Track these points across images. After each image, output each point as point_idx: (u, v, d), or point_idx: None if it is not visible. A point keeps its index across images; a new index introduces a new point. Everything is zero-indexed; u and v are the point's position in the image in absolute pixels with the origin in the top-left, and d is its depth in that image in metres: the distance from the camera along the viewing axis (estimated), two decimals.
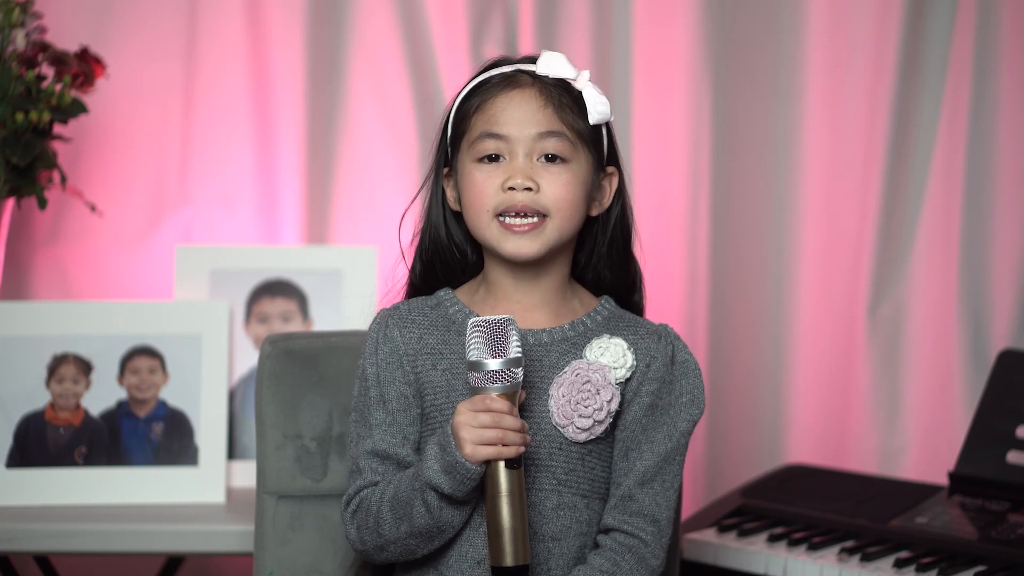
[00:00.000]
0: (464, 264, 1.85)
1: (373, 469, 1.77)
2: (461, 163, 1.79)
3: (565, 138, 1.76)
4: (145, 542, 2.18)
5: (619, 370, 1.75)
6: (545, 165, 1.75)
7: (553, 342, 1.77)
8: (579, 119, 1.77)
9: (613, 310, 1.82)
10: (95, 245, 2.62)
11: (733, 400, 2.74)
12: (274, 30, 2.64)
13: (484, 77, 1.80)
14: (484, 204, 1.75)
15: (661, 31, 2.67)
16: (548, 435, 1.74)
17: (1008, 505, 2.17)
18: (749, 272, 2.74)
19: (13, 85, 2.32)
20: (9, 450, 2.29)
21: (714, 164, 2.70)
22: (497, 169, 1.75)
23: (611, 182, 1.82)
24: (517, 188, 1.73)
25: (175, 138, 2.64)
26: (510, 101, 1.76)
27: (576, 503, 1.75)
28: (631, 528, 1.74)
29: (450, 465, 1.66)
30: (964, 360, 2.64)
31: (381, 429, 1.77)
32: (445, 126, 1.83)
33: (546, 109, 1.76)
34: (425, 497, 1.69)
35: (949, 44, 2.64)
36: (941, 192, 2.66)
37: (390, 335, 1.80)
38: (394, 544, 1.74)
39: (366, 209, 2.66)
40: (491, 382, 1.66)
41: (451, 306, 1.81)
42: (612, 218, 1.83)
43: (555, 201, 1.74)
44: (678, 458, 1.77)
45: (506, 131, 1.75)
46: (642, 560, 1.74)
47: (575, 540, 1.75)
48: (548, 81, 1.77)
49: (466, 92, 1.80)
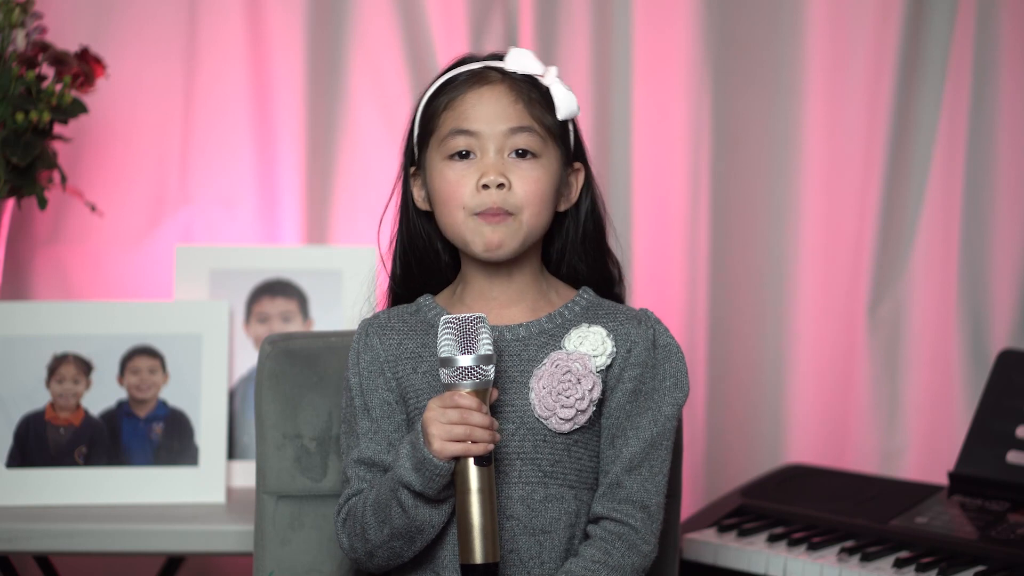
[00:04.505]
0: (439, 263, 1.85)
1: (360, 477, 1.78)
2: (430, 161, 1.79)
3: (535, 133, 1.76)
4: (145, 542, 2.18)
5: (599, 358, 1.75)
6: (516, 161, 1.75)
7: (531, 336, 1.77)
8: (548, 114, 1.77)
9: (592, 299, 1.82)
10: (95, 245, 2.62)
11: (733, 400, 2.74)
12: (274, 30, 2.64)
13: (452, 75, 1.79)
14: (458, 202, 1.75)
15: (661, 31, 2.67)
16: (532, 428, 1.74)
17: (1008, 505, 2.17)
18: (749, 272, 2.74)
19: (13, 85, 2.33)
20: (9, 450, 2.29)
21: (714, 164, 2.70)
22: (469, 167, 1.75)
23: (577, 178, 1.83)
24: (491, 185, 1.73)
25: (175, 138, 2.64)
26: (480, 97, 1.76)
27: (564, 494, 1.75)
28: (620, 515, 1.74)
29: (419, 462, 1.66)
30: (964, 360, 2.64)
31: (367, 437, 1.78)
32: (412, 125, 1.83)
33: (516, 105, 1.76)
34: (399, 496, 1.69)
35: (949, 44, 2.64)
36: (941, 192, 2.66)
37: (370, 344, 1.80)
38: (380, 548, 1.74)
39: (366, 209, 2.66)
40: (461, 378, 1.66)
41: (429, 310, 1.81)
42: (582, 212, 1.83)
43: (526, 197, 1.75)
44: (665, 443, 1.77)
45: (477, 127, 1.75)
46: (633, 547, 1.73)
47: (565, 532, 1.75)
48: (517, 77, 1.77)
49: (433, 90, 1.80)
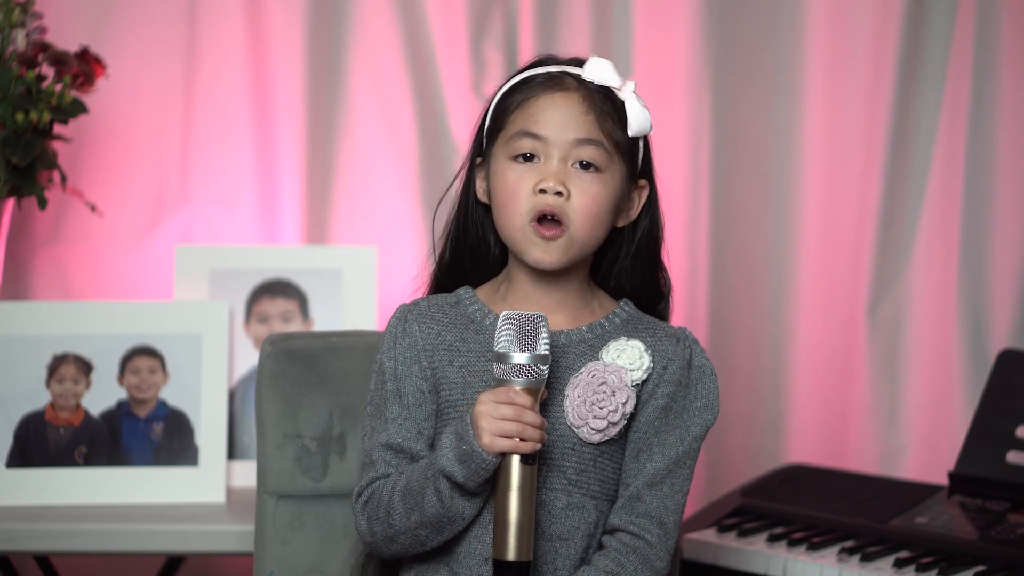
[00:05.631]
0: (489, 255, 1.83)
1: (386, 462, 1.76)
2: (495, 157, 1.78)
3: (602, 147, 1.74)
4: (145, 542, 2.18)
5: (636, 372, 1.74)
6: (578, 172, 1.74)
7: (571, 344, 1.77)
8: (618, 129, 1.75)
9: (632, 313, 1.81)
10: (95, 245, 2.62)
11: (733, 400, 2.73)
12: (274, 30, 2.64)
13: (529, 74, 1.78)
14: (517, 206, 1.74)
15: (661, 31, 2.67)
16: (562, 435, 1.74)
17: (1008, 505, 2.17)
18: (749, 272, 2.74)
19: (13, 85, 2.33)
20: (9, 450, 2.29)
21: (714, 164, 2.70)
22: (531, 170, 1.74)
23: (641, 195, 1.81)
24: (548, 191, 1.72)
25: (175, 138, 2.64)
26: (552, 102, 1.75)
27: (585, 504, 1.75)
28: (636, 529, 1.73)
29: (466, 454, 1.65)
30: (964, 360, 2.64)
31: (396, 423, 1.77)
32: (484, 117, 1.81)
33: (587, 116, 1.74)
34: (437, 485, 1.68)
35: (949, 44, 2.64)
36: (941, 192, 2.66)
37: (409, 330, 1.79)
38: (404, 535, 1.73)
39: (366, 209, 2.66)
40: (516, 375, 1.65)
41: (470, 304, 1.80)
42: (639, 231, 1.81)
43: (581, 210, 1.73)
44: (689, 462, 1.76)
45: (544, 132, 1.74)
46: (646, 561, 1.73)
47: (582, 541, 1.74)
48: (592, 87, 1.75)
49: (509, 87, 1.79)
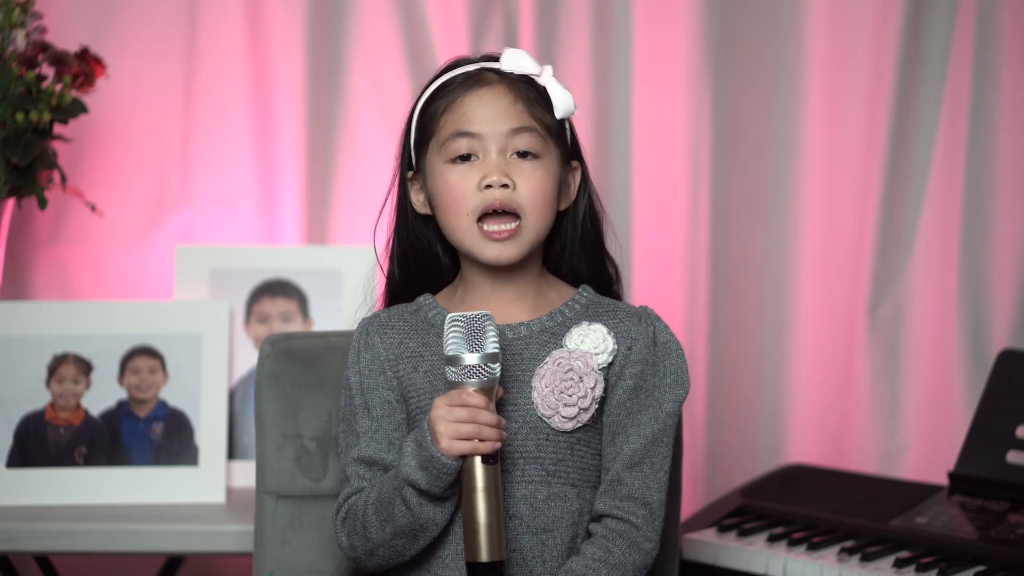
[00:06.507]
0: (439, 266, 1.84)
1: (360, 476, 1.78)
2: (431, 165, 1.78)
3: (537, 133, 1.76)
4: (145, 542, 2.18)
5: (601, 355, 1.75)
6: (518, 161, 1.75)
7: (532, 334, 1.77)
8: (547, 114, 1.77)
9: (592, 297, 1.82)
10: (95, 245, 2.62)
11: (733, 400, 2.74)
12: (274, 30, 2.64)
13: (448, 77, 1.79)
14: (463, 207, 1.75)
15: (661, 31, 2.67)
16: (534, 427, 1.74)
17: (1008, 505, 2.17)
18: (749, 272, 2.74)
19: (13, 85, 2.33)
20: (9, 450, 2.29)
21: (714, 164, 2.70)
22: (471, 169, 1.75)
23: (575, 176, 1.83)
24: (494, 185, 1.73)
25: (175, 138, 2.64)
26: (479, 99, 1.76)
27: (567, 493, 1.75)
28: (621, 512, 1.74)
29: (426, 460, 1.66)
30: (964, 360, 2.64)
31: (367, 436, 1.78)
32: (408, 129, 1.82)
33: (516, 105, 1.76)
34: (404, 494, 1.69)
35: (949, 44, 2.64)
36: (941, 192, 2.66)
37: (371, 342, 1.80)
38: (382, 547, 1.74)
39: (366, 209, 2.65)
40: (468, 377, 1.66)
41: (430, 310, 1.81)
42: (580, 211, 1.83)
43: (531, 198, 1.74)
44: (666, 439, 1.77)
45: (478, 128, 1.75)
46: (634, 544, 1.73)
47: (567, 530, 1.75)
48: (514, 77, 1.77)
49: (429, 94, 1.80)
